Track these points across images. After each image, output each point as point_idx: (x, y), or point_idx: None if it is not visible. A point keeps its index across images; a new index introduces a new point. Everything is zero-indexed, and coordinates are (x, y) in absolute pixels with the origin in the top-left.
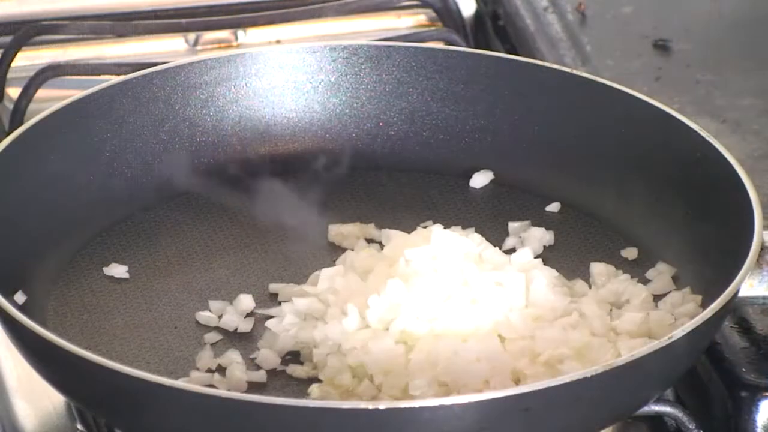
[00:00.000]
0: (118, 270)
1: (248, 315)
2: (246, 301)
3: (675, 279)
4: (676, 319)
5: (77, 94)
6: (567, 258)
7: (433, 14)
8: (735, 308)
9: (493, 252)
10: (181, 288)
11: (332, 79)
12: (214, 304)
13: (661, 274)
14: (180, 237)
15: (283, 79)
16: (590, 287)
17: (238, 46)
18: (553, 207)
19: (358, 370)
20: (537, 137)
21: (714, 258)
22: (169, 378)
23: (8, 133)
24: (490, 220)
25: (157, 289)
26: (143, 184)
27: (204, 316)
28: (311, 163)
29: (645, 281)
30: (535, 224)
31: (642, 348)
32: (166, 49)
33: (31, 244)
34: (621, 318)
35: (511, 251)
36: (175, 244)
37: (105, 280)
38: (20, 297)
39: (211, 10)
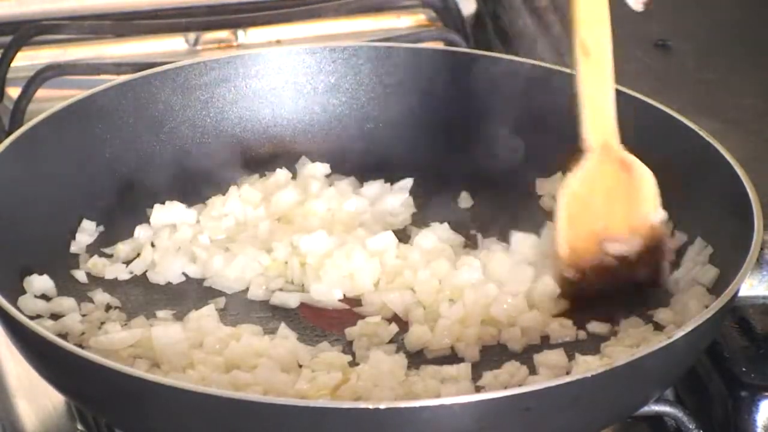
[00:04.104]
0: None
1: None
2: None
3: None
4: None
5: (77, 94)
6: None
7: (433, 14)
8: (735, 308)
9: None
10: (180, 288)
11: (332, 80)
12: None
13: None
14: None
15: (283, 81)
16: None
17: (238, 46)
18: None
19: None
20: (537, 137)
21: (714, 258)
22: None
23: (8, 134)
24: (489, 219)
25: (158, 289)
26: (143, 185)
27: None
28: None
29: None
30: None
31: (642, 348)
32: (166, 49)
33: (30, 244)
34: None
35: None
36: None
37: (105, 280)
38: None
39: (211, 10)
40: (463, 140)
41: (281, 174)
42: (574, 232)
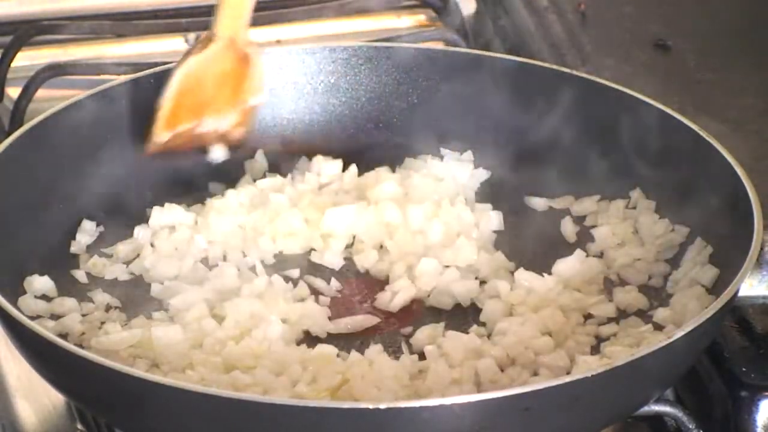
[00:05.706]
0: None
1: None
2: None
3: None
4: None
5: (77, 94)
6: None
7: (433, 14)
8: (735, 308)
9: None
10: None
11: (332, 80)
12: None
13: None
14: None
15: (282, 80)
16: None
17: None
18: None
19: None
20: (537, 137)
21: (714, 258)
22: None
23: (8, 134)
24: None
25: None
26: (143, 185)
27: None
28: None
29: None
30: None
31: (642, 348)
32: (166, 49)
33: (30, 245)
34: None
35: None
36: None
37: (105, 280)
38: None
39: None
40: (463, 139)
41: (278, 179)
42: (180, 103)
